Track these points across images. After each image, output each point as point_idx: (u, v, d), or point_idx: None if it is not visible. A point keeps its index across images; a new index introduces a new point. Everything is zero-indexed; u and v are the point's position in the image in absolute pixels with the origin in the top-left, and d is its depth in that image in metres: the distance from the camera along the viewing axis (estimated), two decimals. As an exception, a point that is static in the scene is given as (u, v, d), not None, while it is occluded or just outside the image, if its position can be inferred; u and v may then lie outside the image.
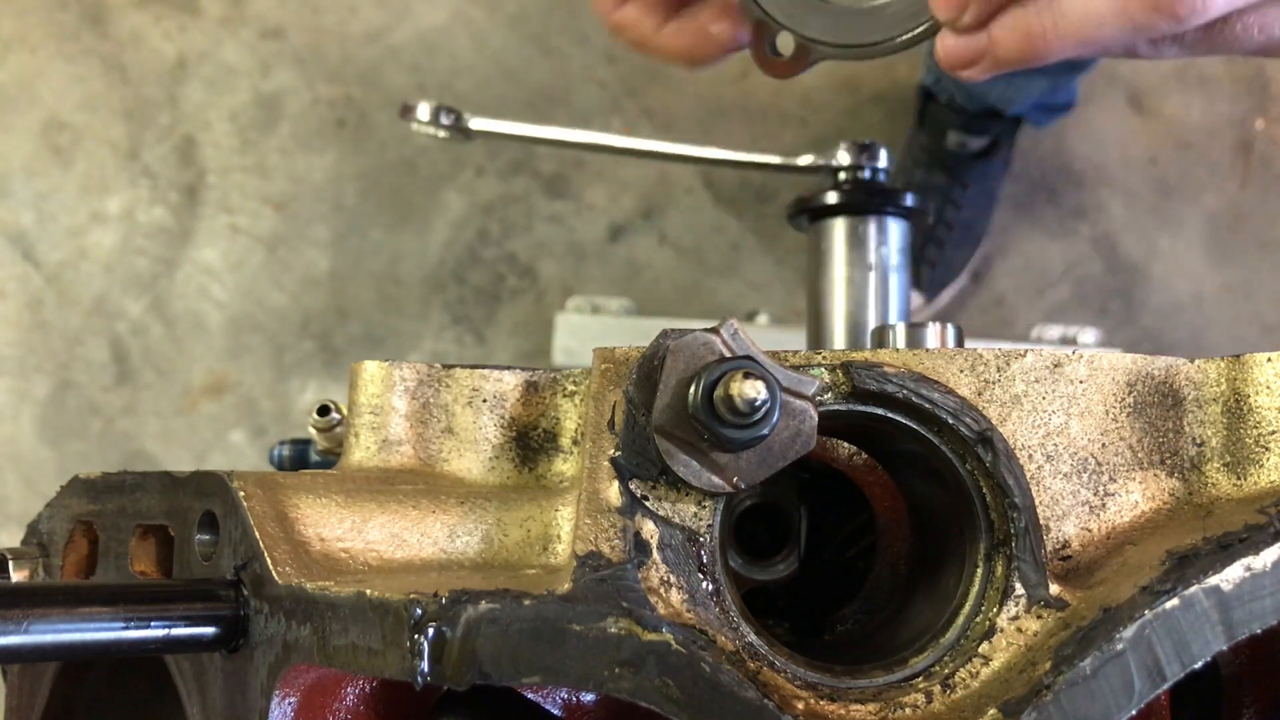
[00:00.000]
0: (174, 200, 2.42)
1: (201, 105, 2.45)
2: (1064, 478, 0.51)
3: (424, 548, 0.52)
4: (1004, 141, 2.24)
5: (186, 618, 0.49)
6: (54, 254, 2.40)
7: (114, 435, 2.34)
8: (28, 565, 0.64)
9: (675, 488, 0.48)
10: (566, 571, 0.46)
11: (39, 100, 2.45)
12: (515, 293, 2.37)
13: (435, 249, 2.38)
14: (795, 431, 0.47)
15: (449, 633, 0.42)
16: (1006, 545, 0.49)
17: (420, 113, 1.13)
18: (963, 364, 0.51)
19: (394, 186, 2.41)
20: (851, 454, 0.62)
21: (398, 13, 2.47)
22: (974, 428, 0.50)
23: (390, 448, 0.57)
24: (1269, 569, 0.46)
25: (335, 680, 0.52)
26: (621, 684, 0.43)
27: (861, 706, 0.48)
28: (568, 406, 0.57)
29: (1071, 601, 0.48)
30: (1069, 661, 0.45)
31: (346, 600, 0.45)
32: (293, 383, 2.36)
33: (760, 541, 0.62)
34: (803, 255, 1.04)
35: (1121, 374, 0.52)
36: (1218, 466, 0.53)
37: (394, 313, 2.37)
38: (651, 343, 0.48)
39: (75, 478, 0.64)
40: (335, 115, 2.44)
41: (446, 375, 0.58)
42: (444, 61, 2.45)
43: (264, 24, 2.48)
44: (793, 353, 0.52)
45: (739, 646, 0.48)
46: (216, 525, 0.52)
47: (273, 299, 2.38)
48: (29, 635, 0.45)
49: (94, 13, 2.48)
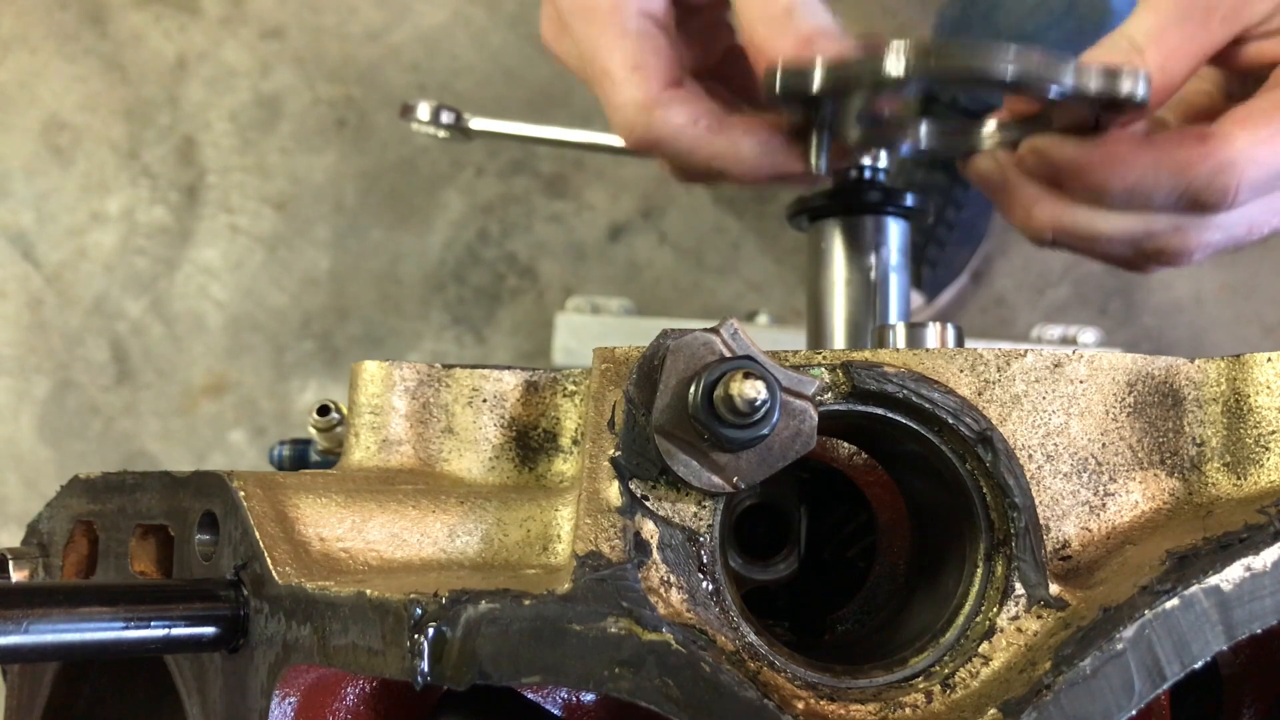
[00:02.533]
0: (174, 200, 2.42)
1: (201, 105, 2.45)
2: (1064, 478, 0.51)
3: (424, 548, 0.52)
4: (1005, 142, 2.24)
5: (186, 618, 0.49)
6: (54, 254, 2.40)
7: (114, 435, 2.34)
8: (28, 565, 0.64)
9: (675, 488, 0.48)
10: (566, 571, 0.46)
11: (39, 100, 2.45)
12: (515, 293, 2.37)
13: (435, 249, 2.38)
14: (795, 431, 0.47)
15: (449, 633, 0.42)
16: (1006, 545, 0.49)
17: (420, 113, 1.13)
18: (963, 364, 0.51)
19: (394, 186, 2.41)
20: (851, 454, 0.62)
21: (398, 13, 2.47)
22: (974, 428, 0.50)
23: (390, 448, 0.57)
24: (1269, 569, 0.46)
25: (335, 680, 0.52)
26: (621, 684, 0.43)
27: (861, 706, 0.48)
28: (568, 406, 0.57)
29: (1071, 601, 0.48)
30: (1069, 661, 0.45)
31: (346, 600, 0.45)
32: (293, 383, 2.36)
33: (760, 541, 0.62)
34: (803, 255, 1.04)
35: (1121, 374, 0.52)
36: (1218, 466, 0.53)
37: (394, 313, 2.37)
38: (651, 343, 0.48)
39: (75, 478, 0.64)
40: (335, 115, 2.44)
41: (446, 375, 0.58)
42: (444, 61, 2.45)
43: (264, 24, 2.48)
44: (793, 353, 0.52)
45: (739, 646, 0.48)
46: (216, 525, 0.52)
47: (273, 299, 2.38)
48: (29, 635, 0.45)
49: (94, 13, 2.48)
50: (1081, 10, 1.85)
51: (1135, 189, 0.74)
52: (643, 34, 0.78)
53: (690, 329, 0.47)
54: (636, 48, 0.78)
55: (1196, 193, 0.73)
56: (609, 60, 0.78)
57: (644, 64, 0.77)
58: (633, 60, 0.77)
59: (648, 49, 0.78)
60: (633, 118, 0.78)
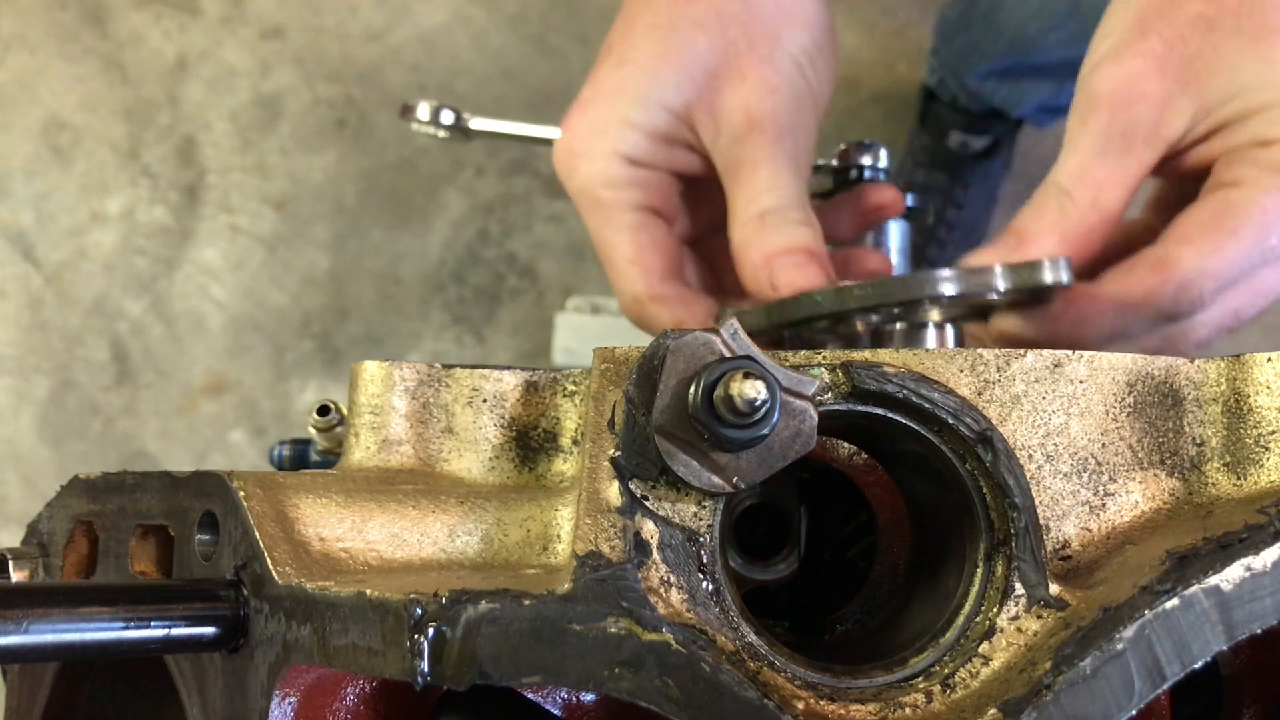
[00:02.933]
0: (174, 200, 2.42)
1: (201, 105, 2.45)
2: (1064, 478, 0.51)
3: (424, 547, 0.52)
4: (1005, 142, 2.24)
5: (186, 618, 0.49)
6: (54, 254, 2.40)
7: (114, 435, 2.34)
8: (28, 565, 0.64)
9: (675, 488, 0.48)
10: (566, 571, 0.46)
11: (39, 100, 2.45)
12: (515, 293, 2.37)
13: (435, 249, 2.38)
14: (795, 431, 0.47)
15: (449, 633, 0.42)
16: (1006, 545, 0.49)
17: (420, 113, 1.13)
18: (963, 364, 0.51)
19: (394, 186, 2.41)
20: (851, 454, 0.62)
21: (398, 13, 2.47)
22: (974, 428, 0.50)
23: (390, 448, 0.57)
24: (1269, 569, 0.46)
25: (335, 680, 0.52)
26: (621, 684, 0.43)
27: (861, 706, 0.48)
28: (568, 406, 0.57)
29: (1071, 601, 0.48)
30: (1069, 661, 0.45)
31: (346, 600, 0.45)
32: (293, 383, 2.36)
33: (760, 541, 0.62)
34: (803, 255, 1.04)
35: (1121, 374, 0.52)
36: (1218, 466, 0.53)
37: (394, 313, 2.37)
38: (651, 343, 0.48)
39: (75, 478, 0.64)
40: (335, 115, 2.44)
41: (446, 375, 0.58)
42: (444, 61, 2.45)
43: (264, 24, 2.48)
44: (793, 353, 0.52)
45: (739, 646, 0.48)
46: (216, 525, 0.52)
47: (273, 299, 2.38)
48: (29, 635, 0.45)
49: (94, 13, 2.48)
50: (1084, 12, 1.84)
51: (1112, 334, 0.75)
52: (639, 228, 0.83)
53: (690, 329, 0.47)
54: (633, 243, 0.83)
55: (1167, 313, 0.74)
56: (610, 250, 0.84)
57: (639, 259, 0.83)
58: (630, 255, 0.83)
59: (644, 243, 0.83)
60: (629, 305, 0.84)
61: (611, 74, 0.84)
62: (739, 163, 0.82)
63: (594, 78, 0.86)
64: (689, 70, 0.82)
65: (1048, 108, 2.17)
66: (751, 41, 0.83)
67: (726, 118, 0.82)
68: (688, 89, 0.82)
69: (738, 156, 0.82)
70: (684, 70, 0.82)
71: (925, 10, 2.30)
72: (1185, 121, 0.76)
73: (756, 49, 0.83)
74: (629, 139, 0.83)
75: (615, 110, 0.83)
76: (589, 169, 0.84)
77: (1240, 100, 0.74)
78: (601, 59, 0.87)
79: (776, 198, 0.81)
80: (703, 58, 0.83)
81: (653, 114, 0.83)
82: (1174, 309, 0.74)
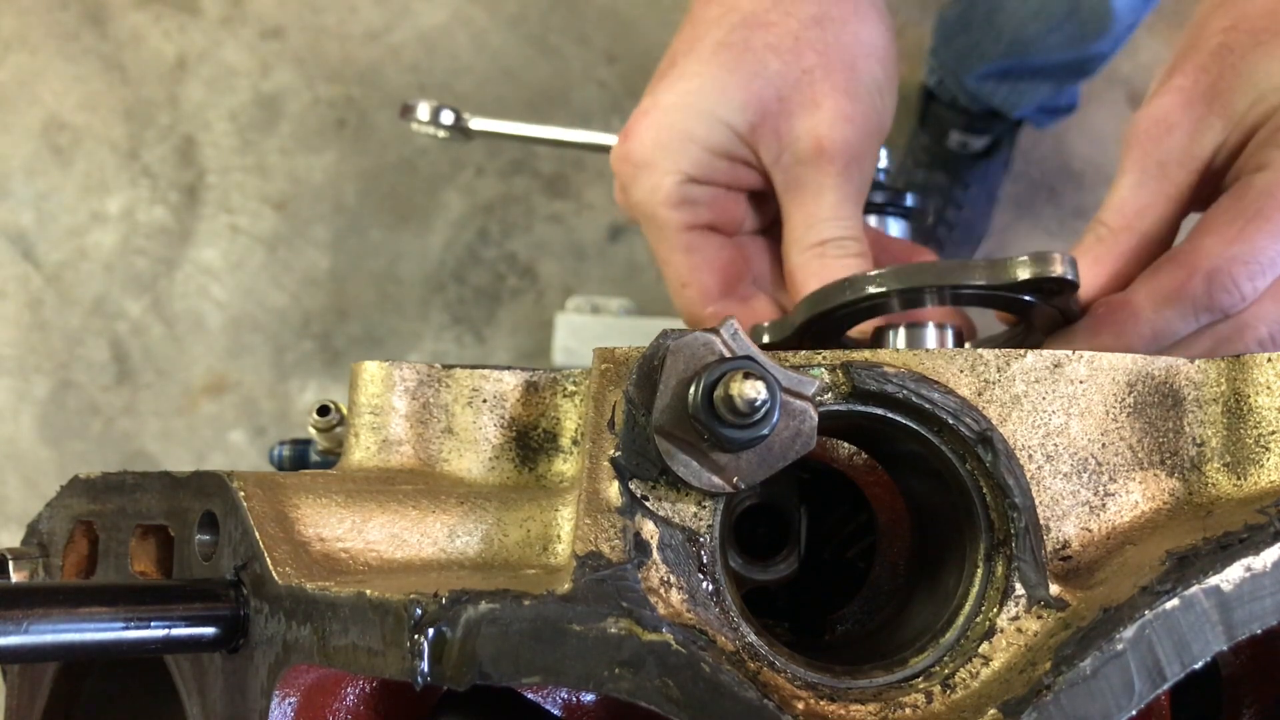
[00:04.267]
0: (174, 200, 2.42)
1: (201, 105, 2.45)
2: (1064, 478, 0.51)
3: (424, 548, 0.52)
4: (1005, 142, 2.24)
5: (186, 618, 0.49)
6: (54, 254, 2.40)
7: (114, 435, 2.34)
8: (28, 565, 0.64)
9: (675, 488, 0.48)
10: (566, 571, 0.46)
11: (39, 100, 2.45)
12: (515, 293, 2.37)
13: (435, 249, 2.39)
14: (795, 431, 0.47)
15: (449, 633, 0.42)
16: (1006, 545, 0.49)
17: (420, 113, 1.13)
18: (963, 364, 0.51)
19: (394, 186, 2.41)
20: (851, 454, 0.62)
21: (398, 13, 2.48)
22: (974, 428, 0.50)
23: (390, 448, 0.57)
24: (1269, 569, 0.46)
25: (335, 680, 0.52)
26: (621, 684, 0.43)
27: (861, 706, 0.48)
28: (568, 406, 0.57)
29: (1071, 601, 0.48)
30: (1069, 661, 0.45)
31: (346, 600, 0.45)
32: (293, 383, 2.36)
33: (760, 541, 0.62)
34: (803, 255, 1.04)
35: (1121, 374, 0.52)
36: (1218, 466, 0.53)
37: (394, 313, 2.38)
38: (651, 343, 0.48)
39: (75, 478, 0.64)
40: (335, 115, 2.44)
41: (446, 375, 0.58)
42: (444, 61, 2.46)
43: (264, 24, 2.48)
44: (793, 353, 0.52)
45: (739, 646, 0.48)
46: (216, 525, 0.52)
47: (273, 299, 2.38)
48: (29, 635, 0.45)
49: (94, 13, 2.48)
50: (1083, 14, 1.85)
51: (1155, 336, 0.74)
52: (692, 249, 0.85)
53: (690, 329, 0.47)
54: (687, 265, 0.85)
55: (1203, 306, 0.73)
56: (665, 267, 0.87)
57: (693, 281, 0.85)
58: (684, 277, 0.85)
59: (698, 264, 0.85)
60: (688, 321, 0.87)
61: (675, 86, 0.85)
62: (802, 185, 0.84)
63: (655, 89, 0.87)
64: (758, 91, 0.83)
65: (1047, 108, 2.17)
66: (828, 69, 0.84)
67: (793, 141, 0.84)
68: (754, 109, 0.83)
69: (801, 178, 0.84)
70: (753, 91, 0.83)
71: (925, 10, 2.30)
72: (1217, 137, 0.76)
73: (833, 77, 0.84)
74: (691, 154, 0.84)
75: (680, 124, 0.84)
76: (650, 183, 0.85)
77: (1264, 102, 0.74)
78: (663, 71, 0.87)
79: (839, 228, 0.82)
80: (775, 80, 0.84)
81: (716, 131, 0.83)
82: (1209, 301, 0.72)
